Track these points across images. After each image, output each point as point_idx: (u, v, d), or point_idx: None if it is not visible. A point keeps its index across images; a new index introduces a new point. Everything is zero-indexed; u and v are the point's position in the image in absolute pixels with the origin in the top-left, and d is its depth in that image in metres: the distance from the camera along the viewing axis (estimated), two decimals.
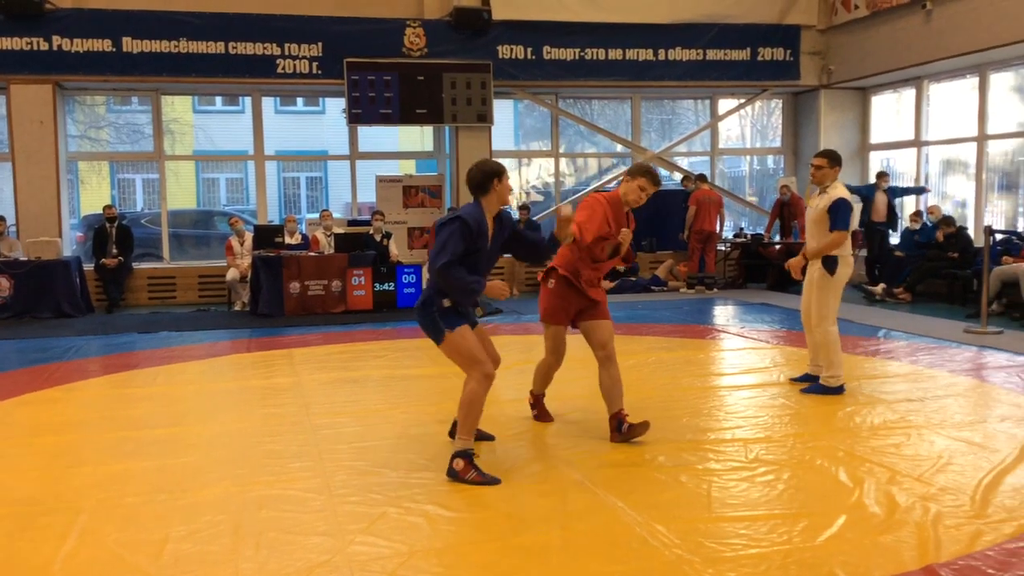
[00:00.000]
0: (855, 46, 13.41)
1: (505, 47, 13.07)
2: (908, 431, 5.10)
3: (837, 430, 5.20)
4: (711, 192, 13.32)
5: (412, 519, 3.81)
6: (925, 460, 4.54)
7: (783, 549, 3.46)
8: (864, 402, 5.83)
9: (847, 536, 3.56)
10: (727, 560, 3.35)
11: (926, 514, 3.76)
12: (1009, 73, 11.98)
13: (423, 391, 6.49)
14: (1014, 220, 12.19)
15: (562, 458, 4.70)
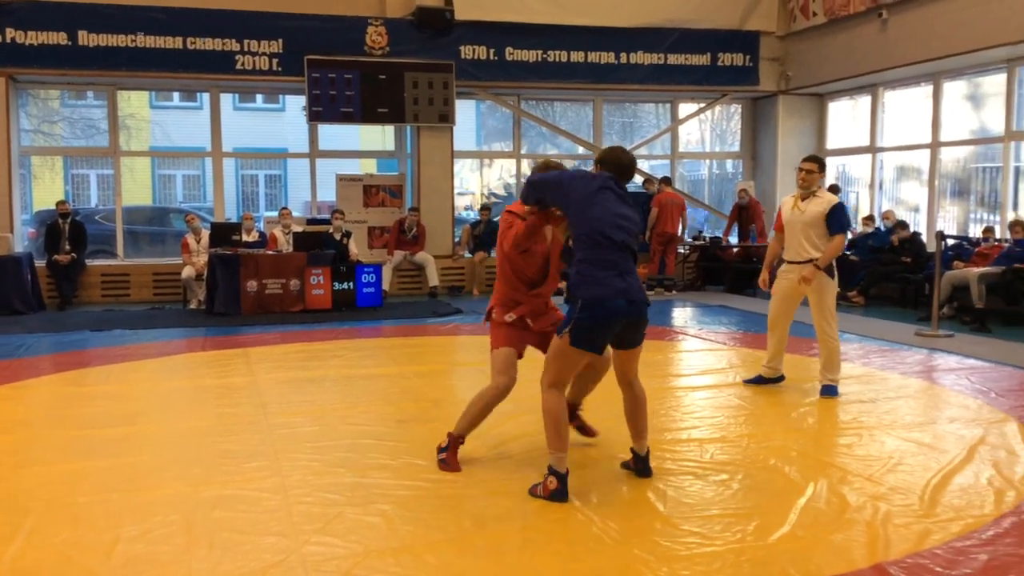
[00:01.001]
0: (813, 53, 13.61)
1: (468, 47, 13.06)
2: (860, 432, 5.18)
3: (791, 431, 5.27)
4: (674, 195, 13.43)
5: (369, 519, 3.79)
6: (876, 460, 4.62)
7: (736, 548, 3.49)
8: (817, 403, 5.92)
9: (799, 535, 3.61)
10: (681, 558, 3.38)
11: (876, 513, 3.83)
12: (962, 82, 12.24)
13: (382, 390, 6.45)
14: (965, 226, 12.46)
15: (521, 459, 4.70)
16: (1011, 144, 11.29)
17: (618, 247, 4.02)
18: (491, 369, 4.59)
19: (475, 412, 4.57)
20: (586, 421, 5.01)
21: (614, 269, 3.99)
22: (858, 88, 13.58)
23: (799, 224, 6.04)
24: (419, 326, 9.80)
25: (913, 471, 4.43)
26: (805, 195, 6.06)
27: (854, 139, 13.97)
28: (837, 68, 13.08)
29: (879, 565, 3.28)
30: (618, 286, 3.97)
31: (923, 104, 12.61)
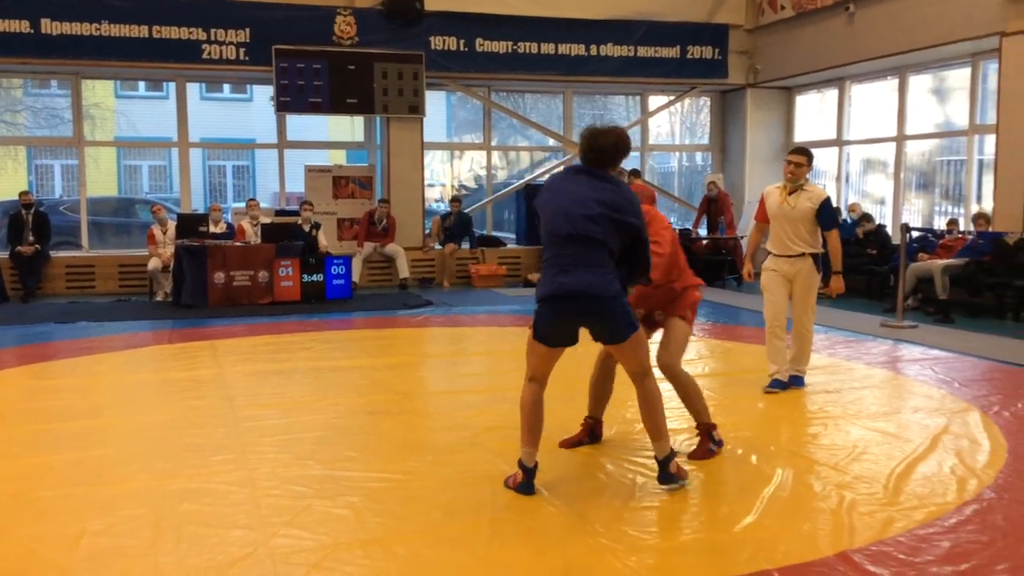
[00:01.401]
0: (781, 46, 13.70)
1: (438, 38, 13.00)
2: (825, 421, 5.24)
3: (758, 421, 5.32)
4: (644, 187, 13.38)
5: (338, 511, 3.78)
6: (841, 450, 4.67)
7: (703, 537, 3.53)
8: (784, 394, 5.97)
9: (765, 523, 3.64)
10: (649, 548, 3.41)
11: (841, 502, 3.87)
12: (927, 76, 12.39)
13: (352, 382, 6.43)
14: (930, 218, 12.63)
15: (493, 449, 4.71)
16: (975, 138, 11.45)
17: (564, 241, 3.81)
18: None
19: (695, 395, 4.59)
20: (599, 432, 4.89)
21: (556, 266, 3.83)
22: (825, 81, 13.70)
23: (788, 218, 5.89)
24: (389, 318, 9.77)
25: (877, 460, 4.49)
26: (793, 188, 5.91)
27: (821, 132, 14.10)
28: (805, 61, 13.19)
29: (844, 553, 3.32)
30: (557, 282, 3.81)
31: (889, 98, 12.74)
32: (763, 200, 6.14)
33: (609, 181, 3.92)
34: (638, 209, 3.91)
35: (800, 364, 6.16)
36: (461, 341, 8.58)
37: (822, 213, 5.86)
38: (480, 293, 12.18)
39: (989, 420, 5.24)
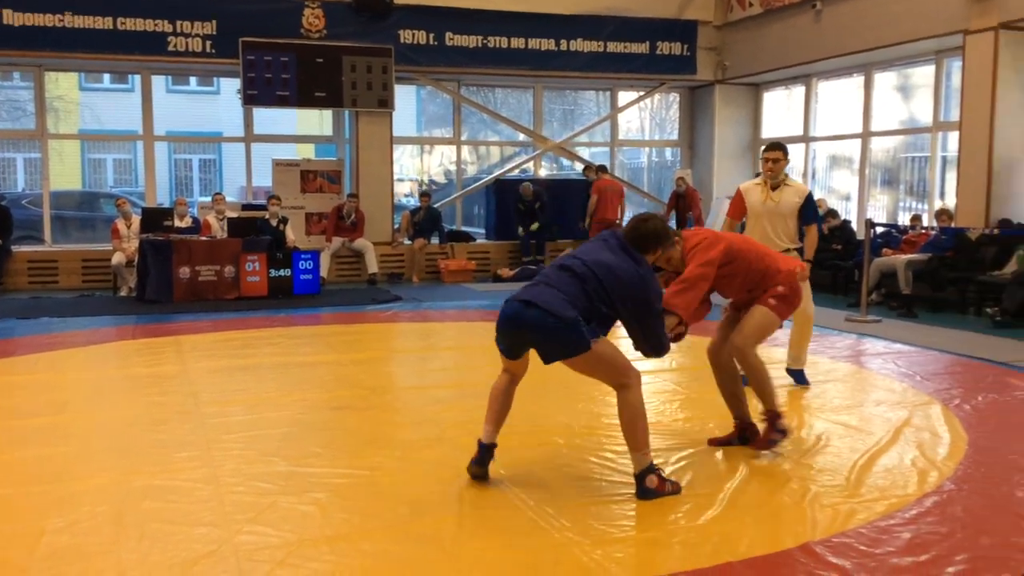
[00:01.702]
0: (749, 43, 13.80)
1: (407, 32, 12.95)
2: (790, 414, 5.28)
3: (724, 415, 5.33)
4: (613, 181, 13.51)
5: (303, 508, 3.76)
6: (805, 442, 4.73)
7: (669, 529, 3.55)
8: (748, 387, 6.00)
9: (729, 515, 3.68)
10: (615, 541, 3.42)
11: (805, 494, 3.92)
12: (892, 73, 12.53)
13: (318, 378, 6.39)
14: (894, 214, 12.79)
15: (460, 444, 4.68)
16: (939, 135, 11.61)
17: (555, 267, 3.97)
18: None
19: (762, 381, 4.57)
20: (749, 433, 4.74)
21: (534, 285, 3.94)
22: (792, 78, 13.82)
23: (771, 215, 5.83)
24: (357, 313, 9.72)
25: (840, 452, 4.54)
26: (775, 184, 5.86)
27: (788, 129, 14.22)
28: (772, 58, 13.29)
29: (806, 545, 3.36)
30: (517, 296, 3.92)
31: (855, 95, 12.88)
32: (738, 196, 6.05)
33: (633, 258, 3.94)
34: (641, 293, 3.88)
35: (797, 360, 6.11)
36: (430, 336, 8.56)
37: (807, 206, 5.85)
38: (449, 288, 12.16)
39: (950, 413, 5.32)
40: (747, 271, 4.49)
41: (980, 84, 9.98)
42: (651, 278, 3.98)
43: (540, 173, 15.27)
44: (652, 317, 3.97)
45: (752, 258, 4.50)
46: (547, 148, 14.93)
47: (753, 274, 4.51)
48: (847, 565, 3.17)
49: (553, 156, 15.67)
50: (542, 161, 15.32)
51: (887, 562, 3.22)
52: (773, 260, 4.60)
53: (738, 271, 4.46)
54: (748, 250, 4.53)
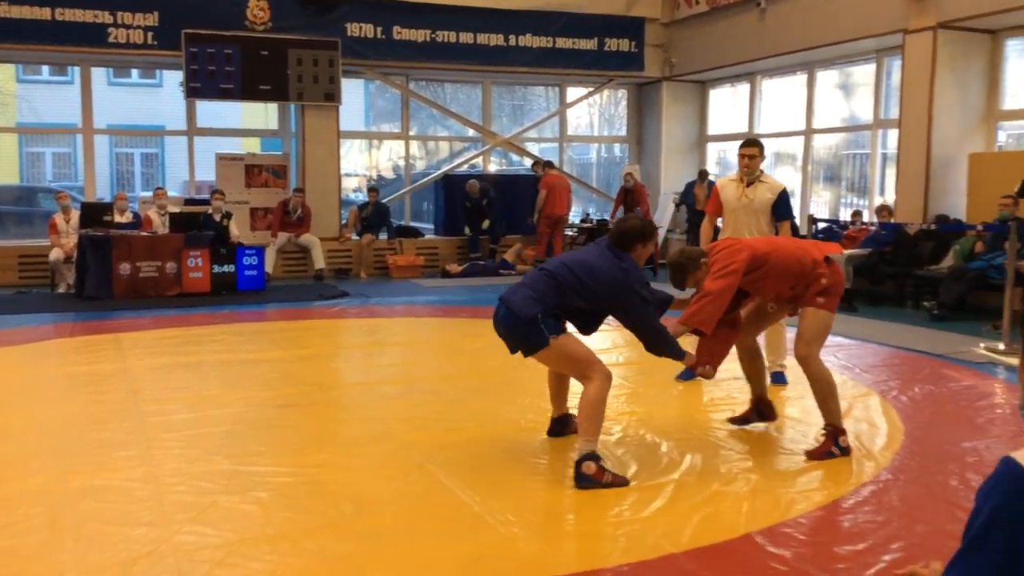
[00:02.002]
0: (695, 40, 13.93)
1: (354, 25, 12.82)
2: (733, 407, 5.35)
3: (668, 408, 5.41)
4: (560, 177, 13.55)
5: (244, 507, 3.70)
6: (748, 435, 4.79)
7: (613, 522, 3.57)
8: (694, 381, 6.06)
9: (674, 507, 3.71)
10: (561, 535, 3.44)
11: (747, 485, 3.97)
12: (834, 71, 12.75)
13: (262, 376, 6.30)
14: (836, 210, 13.03)
15: (404, 441, 4.68)
16: (879, 132, 11.85)
17: (538, 268, 4.31)
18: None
19: (825, 393, 4.46)
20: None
21: (515, 285, 4.26)
22: (737, 76, 13.99)
23: (748, 210, 5.83)
24: (304, 309, 9.62)
25: (782, 444, 4.62)
26: (750, 180, 5.88)
27: (733, 125, 14.40)
28: (718, 56, 13.43)
29: (747, 535, 3.41)
30: (501, 296, 4.26)
31: (798, 92, 13.09)
32: (716, 192, 6.07)
33: (616, 255, 4.20)
34: (621, 282, 4.12)
35: (784, 358, 6.04)
36: (377, 332, 8.50)
37: (781, 202, 5.85)
38: (398, 284, 12.09)
39: (888, 404, 5.44)
40: (780, 273, 4.40)
41: (918, 83, 10.20)
42: (632, 270, 4.17)
43: (489, 168, 15.26)
44: (638, 306, 4.16)
45: (782, 258, 4.40)
46: (496, 143, 14.92)
47: (788, 275, 4.41)
48: (787, 554, 3.23)
49: (502, 152, 15.67)
50: (491, 156, 15.31)
51: (825, 550, 3.28)
52: (808, 253, 4.46)
53: (769, 274, 4.39)
54: (776, 251, 4.44)
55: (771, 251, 4.43)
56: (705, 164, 14.68)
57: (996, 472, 1.36)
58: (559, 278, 4.12)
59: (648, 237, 4.29)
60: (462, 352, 7.35)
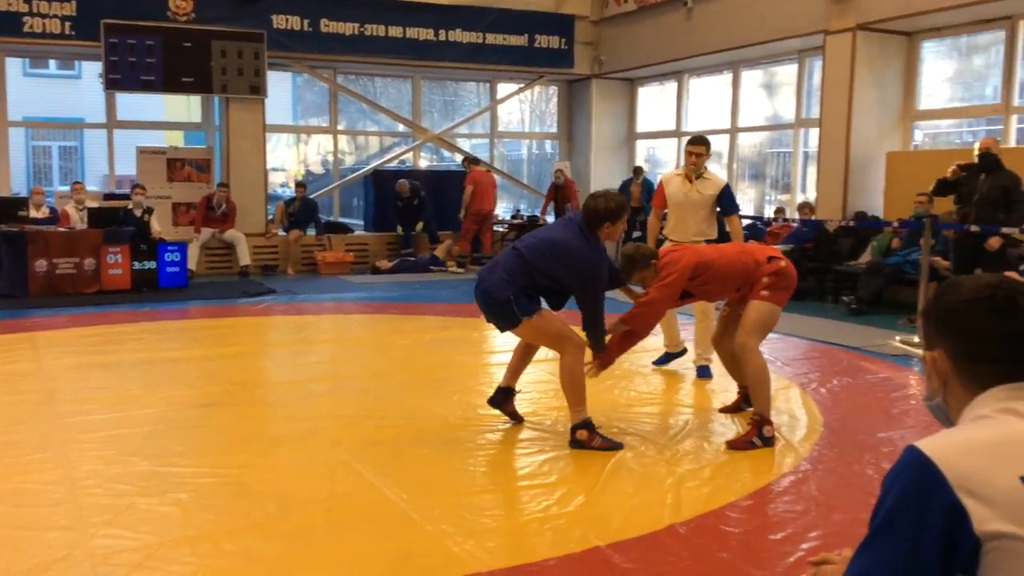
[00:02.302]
0: (624, 38, 14.07)
1: (280, 17, 12.61)
2: (660, 402, 5.44)
3: (597, 402, 5.42)
4: (486, 173, 13.52)
5: (164, 509, 3.61)
6: (672, 427, 4.87)
7: (540, 516, 3.59)
8: (622, 376, 6.15)
9: (600, 501, 3.74)
10: (488, 530, 3.43)
11: (671, 478, 4.03)
12: (758, 71, 13.02)
13: (185, 374, 6.16)
14: (761, 207, 13.30)
15: (331, 439, 4.62)
16: (801, 131, 12.13)
17: (511, 247, 4.60)
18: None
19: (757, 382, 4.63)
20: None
21: (490, 265, 4.58)
22: (665, 74, 14.17)
23: (692, 205, 6.03)
24: (228, 307, 9.42)
25: (706, 437, 4.70)
26: (697, 176, 6.06)
27: (661, 123, 14.59)
28: (646, 54, 13.59)
29: (671, 526, 3.45)
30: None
31: (724, 91, 13.32)
32: (661, 187, 6.26)
33: (583, 232, 4.46)
34: (580, 263, 4.41)
35: (706, 352, 6.17)
36: (304, 329, 8.39)
37: (724, 199, 6.06)
38: (326, 280, 11.95)
39: (807, 396, 5.57)
40: (723, 277, 4.67)
41: (839, 83, 10.47)
42: (594, 253, 4.45)
43: (420, 164, 15.19)
44: (592, 288, 4.47)
45: (725, 263, 4.67)
46: (426, 139, 14.85)
47: (732, 277, 4.68)
48: (709, 544, 3.28)
49: (433, 147, 15.60)
50: (421, 152, 15.23)
51: (745, 540, 3.35)
52: (751, 255, 4.71)
53: (712, 279, 4.67)
54: (720, 257, 4.72)
55: (715, 257, 4.72)
56: (635, 161, 14.84)
57: (901, 460, 1.40)
58: (528, 260, 4.40)
59: (617, 216, 4.50)
60: (392, 349, 7.30)
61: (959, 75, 10.57)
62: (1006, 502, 1.28)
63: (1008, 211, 7.21)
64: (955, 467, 1.32)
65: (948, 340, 1.51)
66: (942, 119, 10.88)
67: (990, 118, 10.02)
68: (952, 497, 1.30)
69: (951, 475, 1.31)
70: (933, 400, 1.59)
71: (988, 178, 7.30)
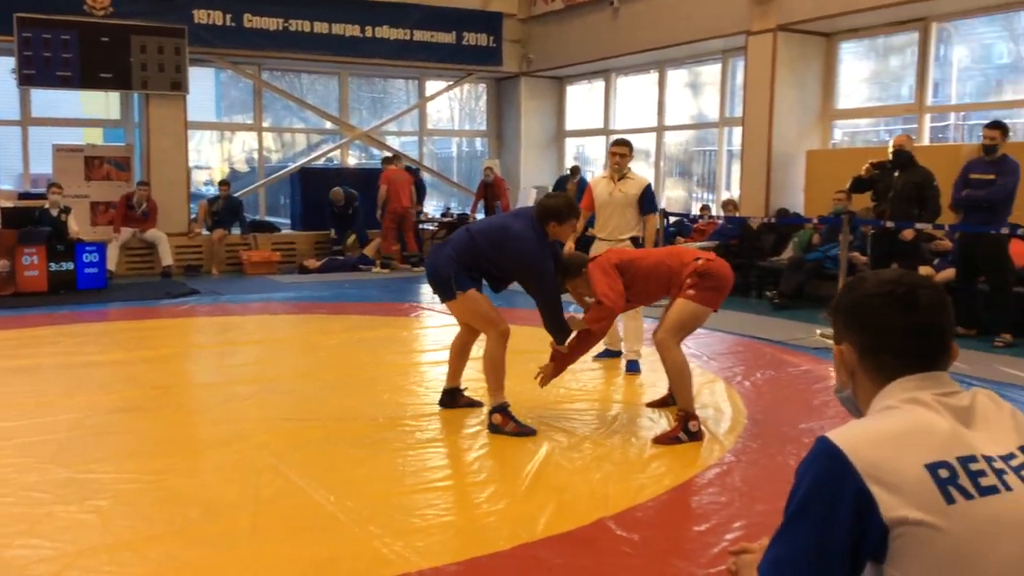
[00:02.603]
0: (552, 37, 14.14)
1: (202, 12, 12.34)
2: (589, 398, 5.49)
3: (526, 399, 5.45)
4: (400, 171, 13.27)
5: (83, 516, 3.51)
6: (601, 423, 4.91)
7: (470, 514, 3.59)
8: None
9: (529, 498, 3.76)
10: (416, 530, 3.41)
11: (599, 472, 4.07)
12: (683, 71, 13.22)
13: (104, 378, 5.98)
14: (687, 204, 13.52)
15: (256, 442, 4.54)
16: (725, 130, 12.37)
17: (464, 230, 4.77)
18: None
19: (678, 379, 4.67)
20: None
21: (443, 243, 4.84)
22: (594, 73, 14.30)
23: (617, 205, 6.23)
24: (150, 308, 9.19)
25: (634, 432, 4.75)
26: (620, 176, 6.23)
27: (590, 121, 14.71)
28: (574, 53, 13.68)
29: (600, 521, 3.49)
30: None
31: (650, 90, 13.49)
32: (588, 189, 6.46)
33: (533, 227, 4.61)
34: (521, 254, 4.57)
35: (637, 345, 6.31)
36: (229, 331, 8.22)
37: (644, 198, 6.24)
38: (252, 280, 11.74)
39: (732, 390, 5.69)
40: (646, 277, 4.73)
41: (761, 82, 10.70)
42: (541, 247, 4.59)
43: (348, 162, 15.04)
44: (541, 281, 4.61)
45: (648, 264, 4.75)
46: (354, 137, 14.71)
47: (656, 279, 4.73)
48: (636, 537, 3.32)
49: (362, 145, 15.45)
50: (350, 150, 15.08)
51: (673, 532, 3.40)
52: (677, 257, 4.77)
53: (635, 280, 4.72)
54: (645, 257, 4.84)
55: (639, 257, 4.85)
56: (564, 159, 14.94)
57: (812, 451, 1.44)
58: (477, 243, 4.63)
59: (563, 218, 4.64)
60: (319, 349, 7.21)
61: (876, 75, 10.90)
62: (912, 489, 1.33)
63: (922, 207, 7.44)
64: (863, 456, 1.36)
65: (854, 334, 1.56)
66: (860, 118, 11.21)
67: (906, 117, 10.35)
68: (861, 485, 1.34)
69: (859, 464, 1.35)
70: (843, 392, 1.64)
71: (902, 175, 7.53)
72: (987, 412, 1.45)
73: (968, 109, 10.25)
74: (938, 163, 8.01)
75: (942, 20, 9.77)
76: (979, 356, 6.62)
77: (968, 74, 10.25)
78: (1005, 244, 7.25)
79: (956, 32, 10.08)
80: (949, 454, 1.36)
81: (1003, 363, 6.45)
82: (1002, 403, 1.50)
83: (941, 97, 10.34)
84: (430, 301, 9.98)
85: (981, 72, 10.13)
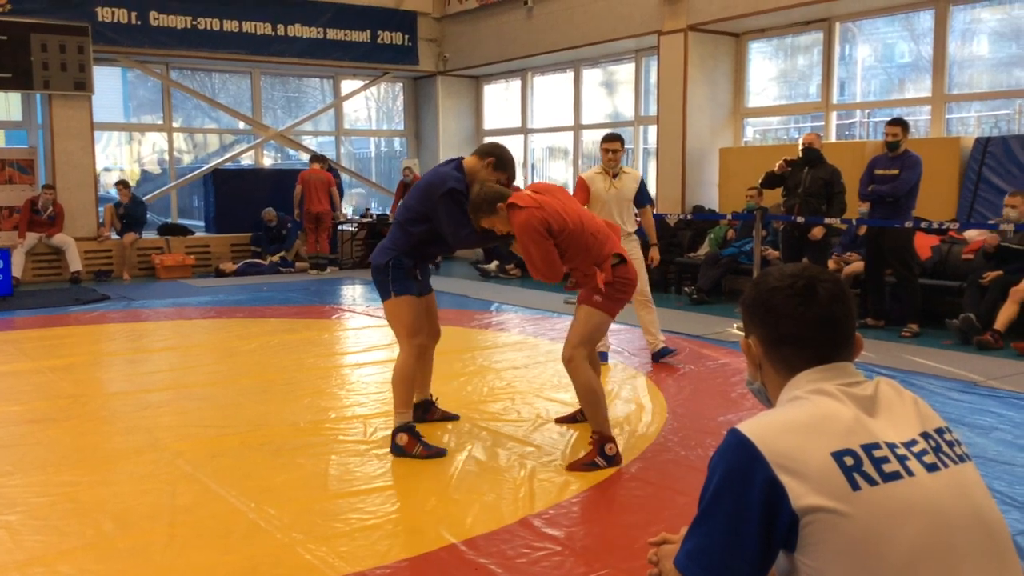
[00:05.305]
0: (467, 36, 14.14)
1: (106, 9, 11.96)
2: (513, 396, 5.50)
3: (450, 398, 5.45)
4: (319, 171, 13.10)
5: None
6: (525, 421, 4.93)
7: (395, 517, 3.56)
8: (476, 371, 6.20)
9: (454, 498, 3.75)
10: (340, 535, 3.38)
11: (524, 471, 4.08)
12: (598, 70, 13.37)
13: (11, 389, 5.75)
14: None
15: (172, 451, 4.43)
16: (640, 128, 12.56)
17: (394, 223, 4.54)
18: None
19: (588, 397, 4.19)
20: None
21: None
22: (510, 72, 14.35)
23: (615, 200, 6.19)
24: (58, 315, 8.87)
25: (558, 429, 4.78)
26: (615, 172, 6.22)
27: (507, 120, 14.76)
28: (489, 52, 13.71)
29: (525, 519, 3.50)
30: None
31: (567, 89, 13.61)
32: (581, 184, 6.30)
33: (456, 168, 4.44)
34: (434, 182, 4.33)
35: (659, 335, 6.47)
36: (142, 337, 7.99)
37: (642, 190, 6.29)
38: (166, 285, 11.44)
39: (653, 385, 5.78)
40: (575, 243, 4.06)
41: (673, 81, 10.90)
42: (457, 179, 4.29)
43: (263, 162, 14.76)
44: (445, 207, 4.21)
45: (590, 230, 4.12)
46: (268, 137, 14.46)
47: (582, 247, 4.09)
48: (560, 535, 3.35)
49: (278, 145, 15.19)
50: (264, 150, 14.81)
51: (597, 527, 3.44)
52: (609, 238, 4.20)
53: (570, 243, 4.07)
54: (588, 220, 4.18)
55: (576, 220, 4.10)
56: None
57: (724, 442, 1.48)
58: (402, 222, 4.39)
59: (482, 209, 4.10)
60: (237, 354, 7.06)
61: (784, 74, 11.21)
62: (819, 477, 1.37)
63: (829, 202, 7.70)
64: (772, 446, 1.40)
65: (759, 327, 1.61)
66: (770, 116, 11.52)
67: (814, 115, 10.67)
68: (770, 474, 1.38)
69: (769, 454, 1.40)
70: (754, 384, 1.69)
71: (811, 171, 7.77)
72: (890, 400, 1.51)
73: (872, 107, 10.62)
74: (845, 160, 8.30)
75: (845, 20, 10.11)
76: (887, 346, 6.88)
77: (872, 73, 10.62)
78: (910, 237, 7.54)
79: (860, 32, 10.44)
80: (853, 442, 1.41)
81: (910, 352, 6.71)
82: (904, 392, 1.56)
83: (847, 95, 10.70)
84: (351, 303, 9.88)
85: (884, 71, 10.51)
